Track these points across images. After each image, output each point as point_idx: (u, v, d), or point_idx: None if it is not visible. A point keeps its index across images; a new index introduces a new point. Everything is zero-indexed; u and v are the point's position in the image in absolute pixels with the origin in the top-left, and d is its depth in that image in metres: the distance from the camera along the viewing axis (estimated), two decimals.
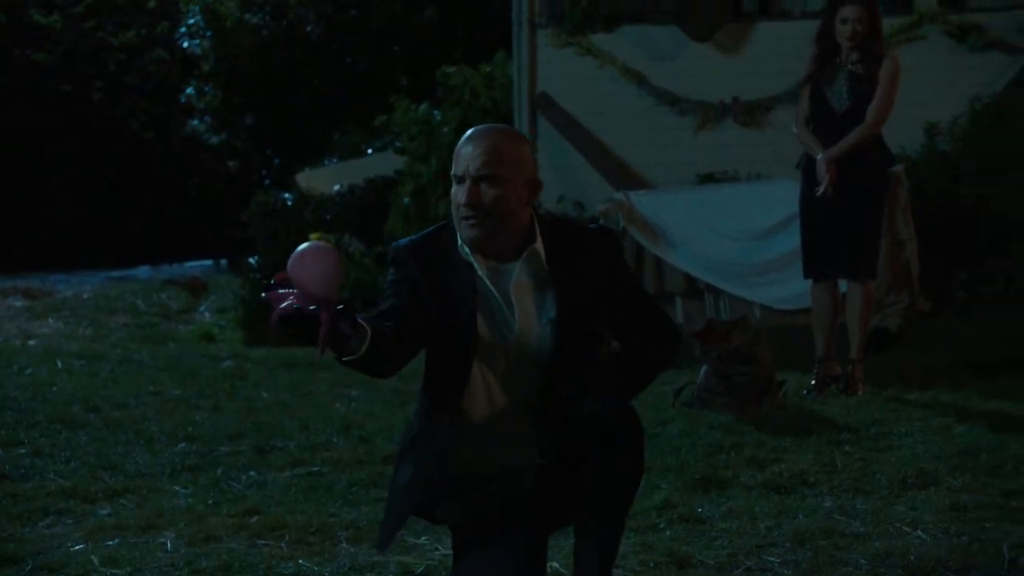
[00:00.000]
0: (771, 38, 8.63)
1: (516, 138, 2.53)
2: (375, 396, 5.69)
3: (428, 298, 2.47)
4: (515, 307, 2.48)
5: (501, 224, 2.45)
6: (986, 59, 8.47)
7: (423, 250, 2.53)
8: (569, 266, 2.50)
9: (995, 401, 4.65)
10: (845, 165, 5.08)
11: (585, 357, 2.48)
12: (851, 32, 5.05)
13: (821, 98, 5.19)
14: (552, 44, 8.71)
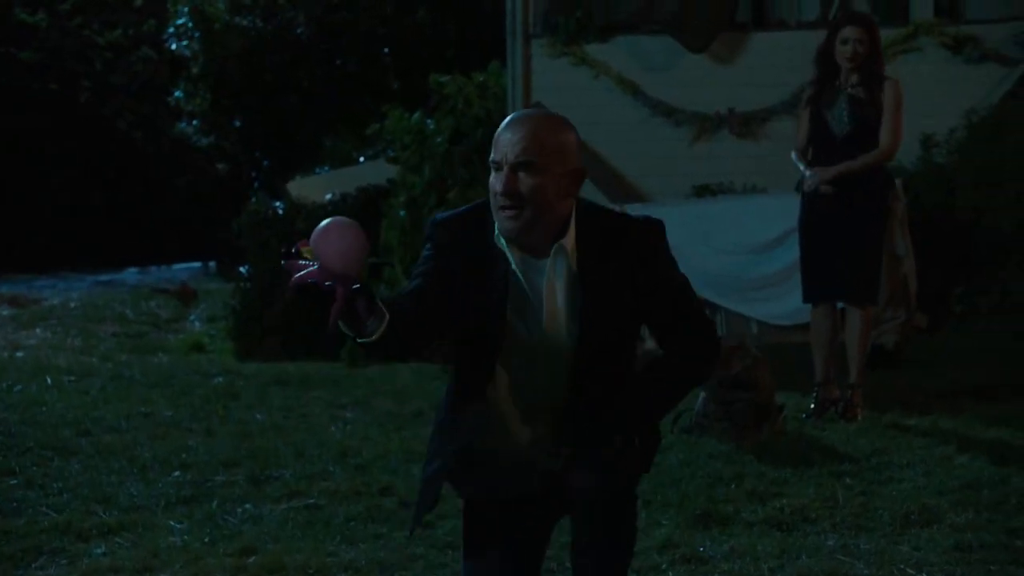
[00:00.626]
0: (767, 49, 8.64)
1: (559, 125, 2.41)
2: (370, 419, 5.67)
3: (459, 278, 2.42)
4: (543, 304, 2.42)
5: (539, 215, 2.36)
6: (982, 71, 8.49)
7: (461, 228, 2.47)
8: (601, 262, 2.41)
9: (995, 429, 4.64)
10: (846, 188, 5.04)
11: (612, 358, 2.43)
12: (852, 53, 5.01)
13: (821, 121, 5.14)
14: (546, 54, 8.69)
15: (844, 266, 5.07)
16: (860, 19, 5.18)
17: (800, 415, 5.19)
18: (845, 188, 5.04)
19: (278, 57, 16.52)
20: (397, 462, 4.64)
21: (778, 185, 8.59)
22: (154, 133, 22.34)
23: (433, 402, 6.17)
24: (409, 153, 9.19)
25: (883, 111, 5.01)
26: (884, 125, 5.00)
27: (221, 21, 16.80)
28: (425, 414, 5.71)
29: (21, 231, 19.90)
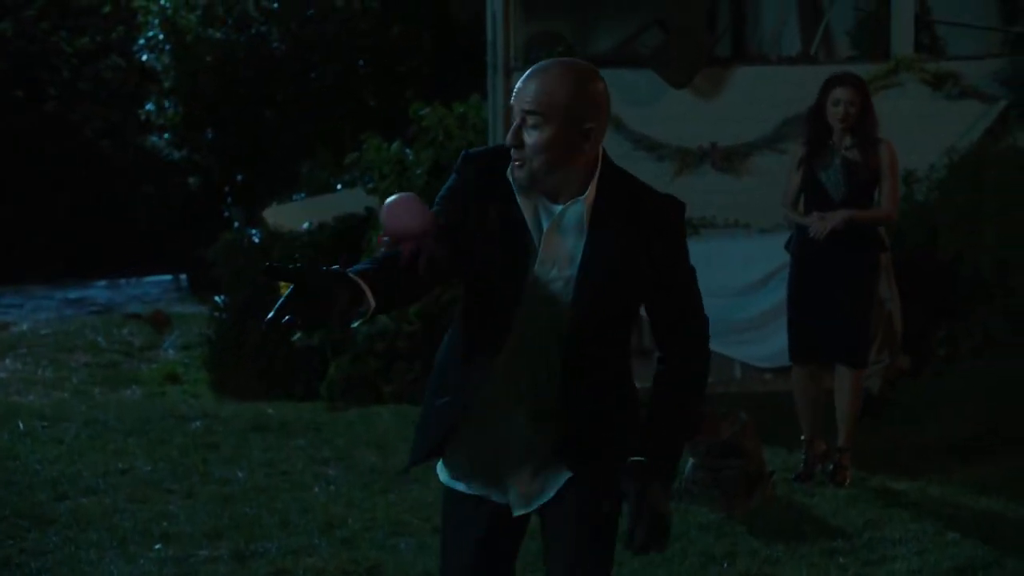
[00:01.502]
0: (748, 83, 8.64)
1: (579, 77, 2.31)
2: (354, 477, 5.61)
3: (476, 217, 2.37)
4: (540, 252, 2.36)
5: (548, 167, 2.31)
6: (962, 107, 8.54)
7: (488, 163, 2.42)
8: (615, 223, 2.35)
9: (985, 498, 4.65)
10: (840, 250, 5.02)
11: (606, 328, 2.40)
12: (844, 114, 5.00)
13: (815, 183, 5.11)
14: None
15: (837, 326, 5.03)
16: (850, 80, 5.12)
17: (788, 475, 5.19)
18: (838, 247, 5.00)
19: (251, 70, 16.38)
20: (384, 535, 4.60)
21: (760, 220, 8.62)
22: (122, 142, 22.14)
23: None
24: (388, 183, 9.13)
25: (880, 174, 5.02)
26: (884, 189, 5.03)
27: (193, 33, 16.64)
28: (409, 472, 5.66)
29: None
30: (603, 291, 2.36)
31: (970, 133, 8.42)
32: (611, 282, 2.36)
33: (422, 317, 8.44)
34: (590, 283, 2.35)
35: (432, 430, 2.51)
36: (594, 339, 2.40)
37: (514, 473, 2.44)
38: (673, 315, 2.44)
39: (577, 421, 2.41)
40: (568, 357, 2.39)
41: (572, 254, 2.36)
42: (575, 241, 2.36)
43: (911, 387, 6.92)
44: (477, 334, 2.43)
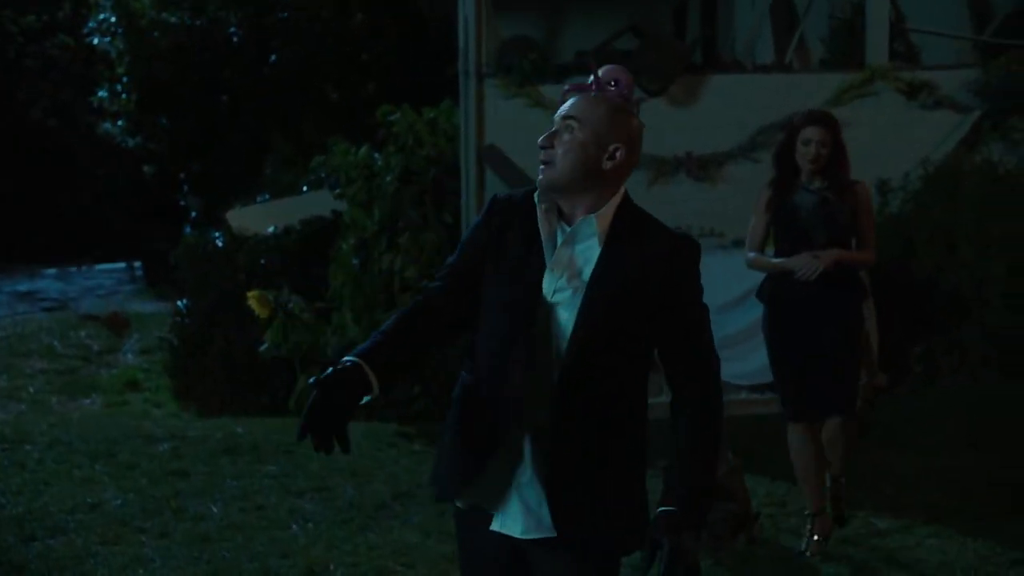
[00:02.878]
0: (724, 92, 8.62)
1: (618, 107, 2.50)
2: (332, 513, 5.54)
3: (497, 251, 2.49)
4: (550, 266, 2.44)
5: (570, 174, 2.43)
6: (937, 117, 8.58)
7: (516, 206, 2.54)
8: (629, 253, 2.42)
9: (972, 540, 4.69)
10: (826, 294, 4.63)
11: (607, 357, 2.42)
12: (814, 155, 4.59)
13: (792, 225, 4.67)
14: (500, 94, 8.56)
15: (828, 379, 4.67)
16: (821, 118, 4.70)
17: (771, 510, 5.21)
18: (824, 291, 4.61)
19: (207, 56, 16.11)
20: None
21: (735, 229, 8.63)
22: (72, 123, 21.74)
23: (391, 483, 6.09)
24: (356, 189, 9.02)
25: (859, 217, 4.66)
26: (864, 233, 4.68)
27: (147, 17, 16.33)
28: (387, 506, 5.63)
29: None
30: (610, 305, 2.41)
31: (945, 144, 8.48)
32: (619, 297, 2.41)
33: None
34: (599, 294, 2.40)
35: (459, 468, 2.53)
36: (597, 361, 2.42)
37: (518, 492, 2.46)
38: (688, 356, 2.48)
39: (567, 449, 2.42)
40: (568, 374, 2.41)
41: (582, 266, 2.43)
42: (587, 254, 2.44)
43: (889, 405, 6.98)
44: (495, 360, 2.47)
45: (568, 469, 2.42)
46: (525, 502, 2.45)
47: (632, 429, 2.48)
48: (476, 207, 8.59)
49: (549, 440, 2.42)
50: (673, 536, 2.34)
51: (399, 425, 7.61)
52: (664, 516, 2.39)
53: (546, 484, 2.43)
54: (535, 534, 2.45)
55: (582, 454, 2.43)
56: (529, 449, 2.45)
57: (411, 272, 8.47)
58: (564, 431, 2.42)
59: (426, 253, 8.54)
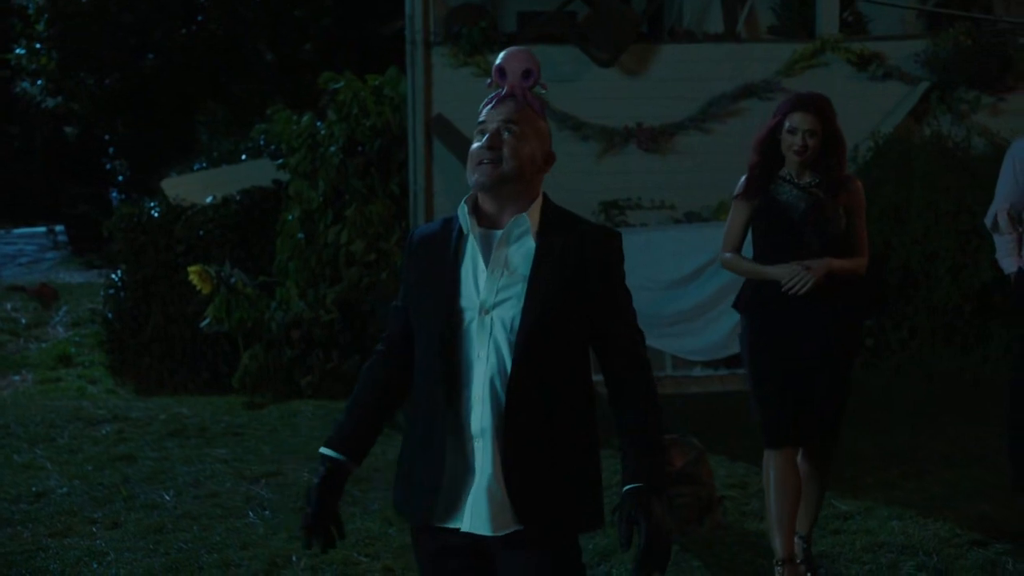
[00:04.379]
0: (675, 62, 8.64)
1: (539, 109, 2.68)
2: (288, 499, 5.51)
3: (420, 281, 2.64)
4: (489, 266, 2.56)
5: (514, 175, 2.57)
6: (887, 88, 8.69)
7: (429, 236, 2.68)
8: (559, 248, 2.56)
9: (933, 522, 4.81)
10: (821, 309, 4.05)
11: (552, 350, 2.54)
12: (801, 145, 4.05)
13: (783, 225, 4.11)
14: (449, 64, 8.49)
15: (815, 405, 4.12)
16: (810, 103, 4.10)
17: (732, 492, 5.29)
18: (817, 305, 4.05)
19: (132, 14, 15.71)
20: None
21: (686, 202, 8.71)
22: None
23: None
24: (299, 158, 8.90)
25: (853, 218, 4.13)
26: (858, 235, 4.13)
27: None
28: (345, 492, 5.58)
29: None
30: (552, 296, 2.54)
31: (894, 115, 8.60)
32: (559, 288, 2.54)
33: (340, 305, 8.33)
34: (540, 287, 2.53)
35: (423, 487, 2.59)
36: (545, 351, 2.53)
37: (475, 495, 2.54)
38: (621, 336, 2.63)
39: (524, 441, 2.51)
40: (519, 368, 2.51)
41: (519, 263, 2.56)
42: (522, 251, 2.57)
43: None
44: (432, 376, 2.57)
45: (527, 461, 2.52)
46: (491, 501, 2.53)
47: (583, 412, 2.62)
48: (424, 178, 8.54)
49: (505, 435, 2.52)
50: (647, 510, 2.48)
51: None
52: (633, 493, 2.51)
53: (507, 479, 2.51)
54: (504, 530, 2.52)
55: (539, 444, 2.53)
56: (487, 448, 2.53)
57: (358, 246, 8.40)
58: (520, 424, 2.52)
59: (373, 226, 8.48)
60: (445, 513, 2.57)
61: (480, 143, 2.60)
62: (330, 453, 2.67)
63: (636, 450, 2.57)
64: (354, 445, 2.68)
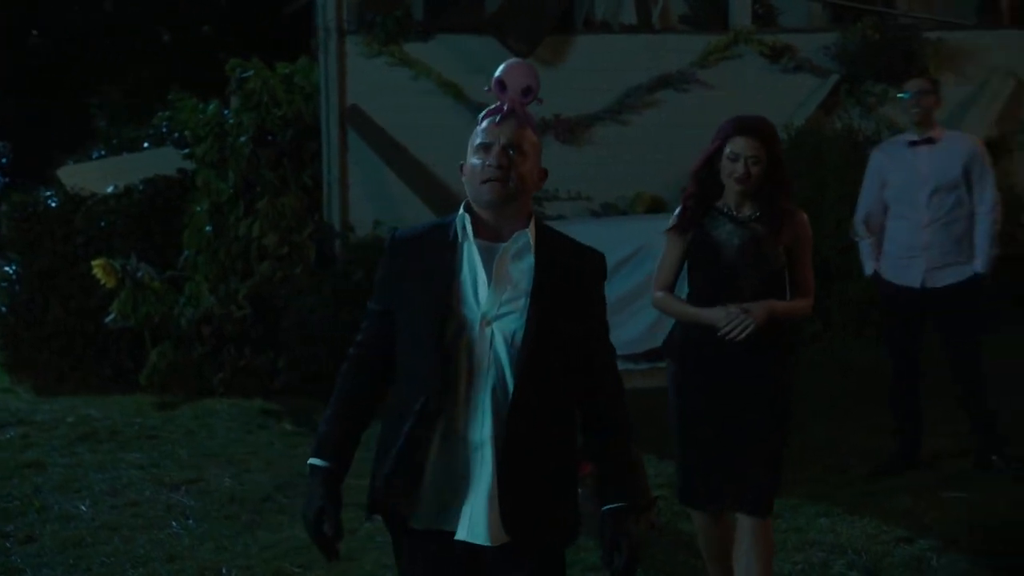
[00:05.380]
0: (592, 53, 8.70)
1: (534, 127, 2.76)
2: (212, 507, 5.43)
3: (410, 285, 2.66)
4: (492, 279, 2.61)
5: (518, 192, 2.65)
6: (798, 81, 8.89)
7: (417, 239, 2.73)
8: (556, 265, 2.65)
9: (859, 519, 4.96)
10: (752, 356, 3.74)
11: (552, 365, 2.61)
12: (743, 172, 3.72)
13: (716, 264, 3.80)
14: (363, 53, 8.40)
15: (745, 462, 3.78)
16: (752, 127, 3.78)
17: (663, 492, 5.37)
18: (749, 352, 3.73)
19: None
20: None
21: (602, 193, 8.78)
22: None
23: (271, 472, 5.98)
24: (206, 148, 8.71)
25: (797, 255, 3.84)
26: (802, 275, 3.87)
27: None
28: (272, 499, 5.55)
29: None
30: (553, 313, 2.62)
31: (805, 107, 8.80)
32: (558, 304, 2.63)
33: (252, 300, 8.20)
34: (542, 303, 2.61)
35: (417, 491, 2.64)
36: (546, 367, 2.61)
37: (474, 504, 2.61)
38: (600, 357, 2.73)
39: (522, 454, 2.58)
40: (522, 383, 2.59)
41: (520, 278, 2.63)
42: (523, 267, 2.64)
43: None
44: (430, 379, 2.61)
45: (523, 473, 2.60)
46: (490, 511, 2.60)
47: (571, 426, 2.73)
48: (339, 170, 8.46)
49: (506, 447, 2.58)
50: (627, 532, 2.65)
51: (263, 401, 7.48)
52: (614, 513, 2.67)
53: (502, 490, 2.58)
54: (500, 541, 2.60)
55: (535, 457, 2.62)
56: (486, 458, 2.60)
57: (270, 239, 8.27)
58: (520, 436, 2.60)
59: (286, 219, 8.36)
60: (436, 517, 2.63)
61: (485, 160, 2.64)
62: (321, 463, 2.67)
63: (617, 469, 2.70)
64: (341, 452, 2.68)
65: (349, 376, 2.75)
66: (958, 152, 5.51)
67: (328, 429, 2.71)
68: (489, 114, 2.71)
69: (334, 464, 2.67)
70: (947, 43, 8.96)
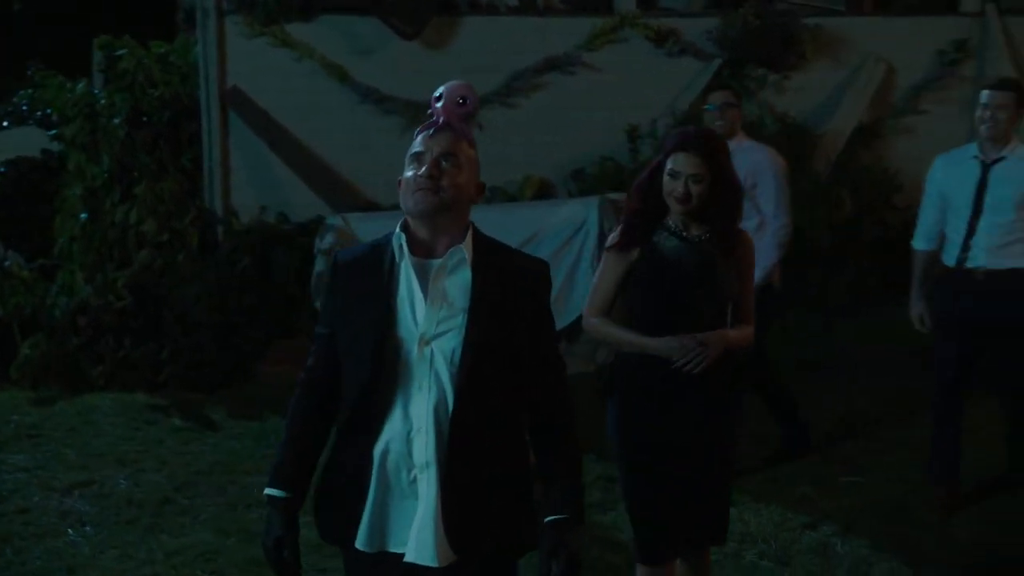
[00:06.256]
0: (478, 35, 8.69)
1: (471, 139, 2.75)
2: (109, 512, 5.27)
3: (349, 306, 2.69)
4: (428, 298, 2.62)
5: (451, 203, 2.63)
6: (683, 65, 9.06)
7: (356, 261, 2.75)
8: (495, 279, 2.65)
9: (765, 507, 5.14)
10: (701, 394, 3.52)
11: (493, 381, 2.62)
12: (683, 192, 3.49)
13: (662, 287, 3.54)
14: (243, 33, 8.21)
15: (704, 500, 3.62)
16: (698, 142, 3.54)
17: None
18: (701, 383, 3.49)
19: None
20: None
21: (490, 176, 8.77)
22: None
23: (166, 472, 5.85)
24: (75, 129, 8.41)
25: (741, 278, 3.59)
26: (745, 300, 3.61)
27: None
28: (171, 501, 5.43)
29: None
30: (491, 328, 2.62)
31: (689, 91, 8.97)
32: (497, 318, 2.63)
33: (132, 289, 7.97)
34: (479, 319, 2.61)
35: (358, 512, 2.66)
36: (486, 382, 2.62)
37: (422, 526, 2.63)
38: (547, 366, 2.75)
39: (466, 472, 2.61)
40: (462, 400, 2.60)
41: (456, 294, 2.64)
42: (459, 282, 2.64)
43: None
44: (369, 401, 2.63)
45: (469, 493, 2.63)
46: (436, 532, 2.62)
47: (519, 437, 2.74)
48: (220, 153, 8.28)
49: (449, 467, 2.61)
50: (566, 543, 2.68)
51: (148, 396, 7.29)
52: (555, 525, 2.69)
53: (447, 511, 2.61)
54: (448, 562, 2.62)
55: (481, 475, 2.64)
56: (431, 479, 2.62)
57: (149, 226, 8.04)
58: (464, 455, 2.61)
59: (165, 204, 8.14)
60: (383, 539, 2.65)
61: (417, 171, 2.64)
62: (277, 493, 2.71)
63: (561, 481, 2.71)
64: (296, 480, 2.73)
65: (300, 401, 2.78)
66: (748, 161, 5.51)
67: (281, 458, 2.74)
68: (424, 128, 2.72)
69: (290, 493, 2.71)
70: (824, 29, 9.25)
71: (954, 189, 5.10)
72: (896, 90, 9.45)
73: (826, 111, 9.29)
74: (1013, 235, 4.95)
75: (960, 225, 5.04)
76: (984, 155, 5.04)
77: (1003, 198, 4.95)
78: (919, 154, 7.01)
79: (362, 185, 8.47)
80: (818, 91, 9.26)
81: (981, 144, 5.06)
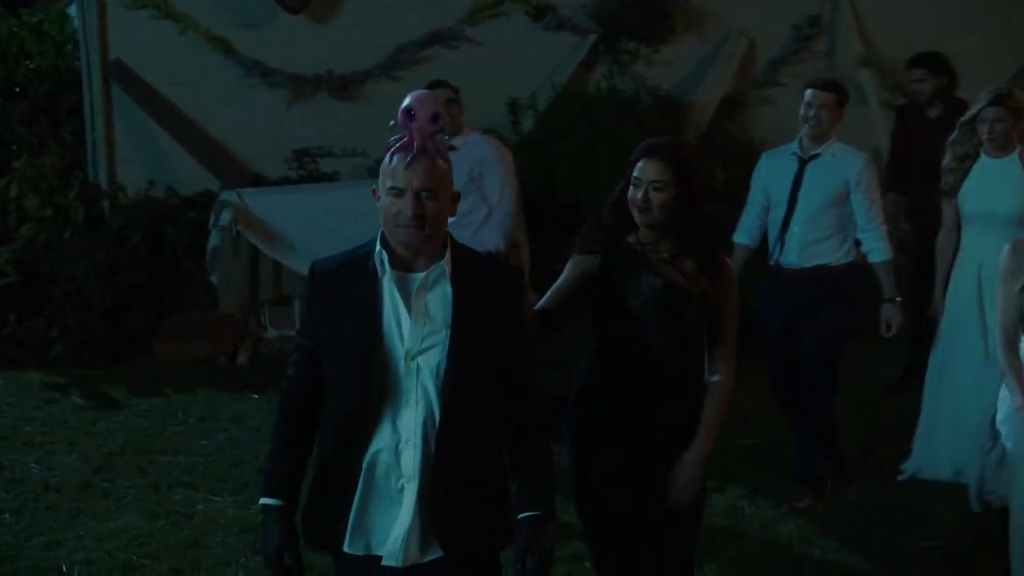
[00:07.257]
0: (363, 8, 8.66)
1: (444, 154, 2.76)
2: (27, 498, 5.20)
3: (333, 320, 2.73)
4: (412, 314, 2.69)
5: (434, 233, 2.70)
6: (560, 39, 9.22)
7: (335, 271, 2.77)
8: (472, 284, 2.73)
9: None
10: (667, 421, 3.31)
11: (478, 392, 2.71)
12: (642, 199, 3.23)
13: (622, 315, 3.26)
14: (125, 5, 8.00)
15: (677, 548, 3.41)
16: (662, 149, 3.30)
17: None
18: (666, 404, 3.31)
19: None
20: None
21: (377, 149, 8.67)
22: None
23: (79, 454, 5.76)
24: None
25: (718, 313, 3.28)
26: (721, 331, 3.29)
27: None
28: (91, 484, 5.36)
29: None
30: (474, 340, 2.70)
31: (566, 65, 9.16)
32: (479, 330, 2.71)
33: (16, 265, 7.73)
34: (462, 333, 2.69)
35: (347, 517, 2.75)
36: (471, 394, 2.71)
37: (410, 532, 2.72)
38: (523, 371, 2.82)
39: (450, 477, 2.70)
40: (447, 411, 2.68)
41: (437, 310, 2.70)
42: (440, 297, 2.71)
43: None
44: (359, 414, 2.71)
45: (454, 499, 2.74)
46: (423, 537, 2.74)
47: (499, 441, 2.83)
48: (104, 127, 8.08)
49: (435, 478, 2.71)
50: (539, 540, 2.76)
51: (42, 374, 7.12)
52: (529, 521, 2.78)
53: (434, 517, 2.73)
54: (431, 555, 2.75)
55: (466, 481, 2.75)
56: (415, 485, 2.73)
57: (31, 201, 7.81)
58: (449, 466, 2.72)
59: (47, 178, 7.90)
60: (370, 544, 2.75)
61: (399, 206, 2.66)
62: (273, 502, 2.77)
63: (532, 479, 2.80)
64: (289, 487, 2.80)
65: (285, 410, 2.84)
66: (475, 153, 5.88)
67: (273, 466, 2.82)
68: (398, 149, 2.70)
69: (285, 500, 2.79)
70: (692, 4, 9.54)
71: (774, 185, 5.17)
72: (757, 64, 9.83)
73: (691, 84, 9.61)
74: (822, 232, 5.02)
75: (777, 221, 5.13)
76: (803, 152, 5.11)
77: (814, 195, 5.02)
78: (780, 125, 7.30)
79: (249, 159, 8.39)
80: (686, 64, 9.56)
81: (801, 140, 5.13)
